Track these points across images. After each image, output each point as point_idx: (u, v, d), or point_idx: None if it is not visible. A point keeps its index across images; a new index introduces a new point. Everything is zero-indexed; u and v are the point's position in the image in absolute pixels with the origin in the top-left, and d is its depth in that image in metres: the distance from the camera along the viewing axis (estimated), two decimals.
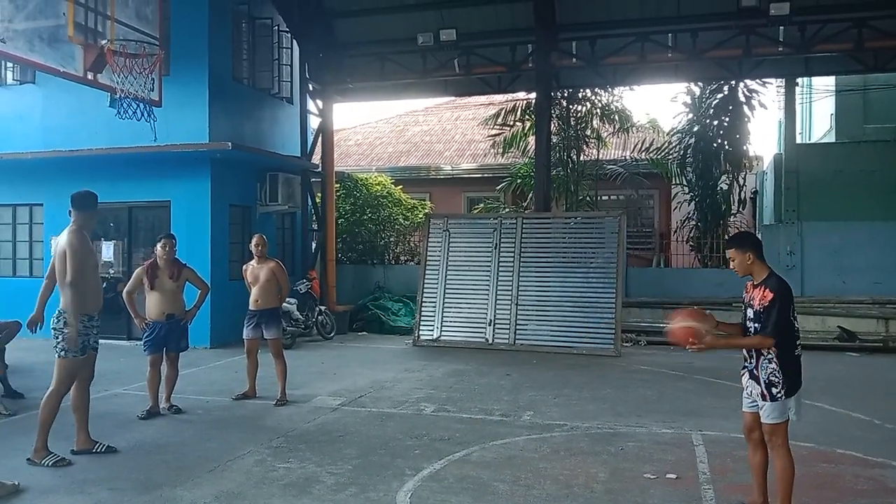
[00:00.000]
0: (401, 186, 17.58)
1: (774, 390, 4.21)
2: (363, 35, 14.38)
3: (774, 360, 4.22)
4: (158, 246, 7.28)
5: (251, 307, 7.87)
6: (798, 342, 4.32)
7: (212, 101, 11.66)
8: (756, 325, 4.29)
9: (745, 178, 15.94)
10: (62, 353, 5.41)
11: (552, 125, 14.66)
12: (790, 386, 4.22)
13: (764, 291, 4.28)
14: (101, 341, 5.84)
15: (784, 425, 4.26)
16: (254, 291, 7.86)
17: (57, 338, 5.43)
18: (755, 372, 4.31)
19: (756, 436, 4.41)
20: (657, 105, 54.08)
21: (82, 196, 5.67)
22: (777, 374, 4.21)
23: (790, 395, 4.23)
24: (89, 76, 7.77)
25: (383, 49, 14.07)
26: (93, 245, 5.73)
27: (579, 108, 16.35)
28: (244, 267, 8.15)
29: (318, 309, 13.03)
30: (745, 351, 4.41)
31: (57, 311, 5.47)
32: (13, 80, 12.63)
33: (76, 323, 5.37)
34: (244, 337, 7.88)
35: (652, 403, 7.70)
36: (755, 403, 4.36)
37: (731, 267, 4.52)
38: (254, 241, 7.99)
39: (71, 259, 5.37)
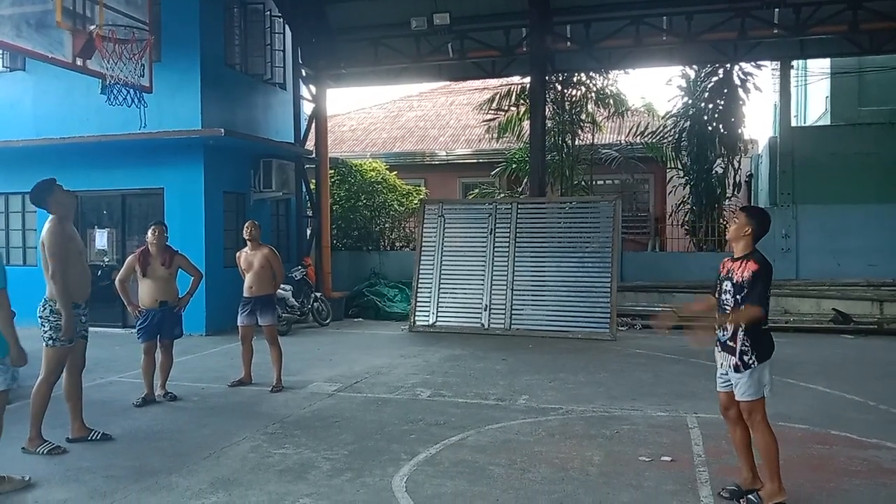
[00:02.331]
0: (395, 172, 17.51)
1: (746, 358, 4.28)
2: (356, 19, 14.25)
3: (747, 331, 4.28)
4: (149, 233, 7.26)
5: (245, 294, 7.85)
6: (767, 319, 4.35)
7: (204, 88, 11.56)
8: (737, 296, 4.32)
9: (740, 162, 15.94)
10: (49, 341, 5.40)
11: (547, 109, 14.61)
12: (760, 352, 4.28)
13: (746, 263, 4.32)
14: (95, 329, 5.83)
15: (761, 402, 4.32)
16: (248, 278, 7.85)
17: (44, 326, 5.41)
18: (730, 343, 4.35)
19: (732, 413, 4.48)
20: (652, 88, 54.04)
21: (32, 191, 5.57)
22: (746, 344, 4.29)
23: (762, 360, 4.28)
24: (78, 62, 7.70)
25: (377, 34, 13.96)
26: (74, 232, 5.65)
27: (574, 92, 16.28)
28: (237, 254, 8.13)
29: (313, 295, 13.02)
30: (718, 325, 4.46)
31: (42, 300, 5.45)
32: (3, 67, 12.51)
33: (69, 314, 5.36)
34: (238, 324, 7.87)
35: (647, 386, 7.72)
36: (729, 383, 4.42)
37: (729, 228, 4.58)
38: (245, 227, 7.99)
39: (49, 256, 5.39)
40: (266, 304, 7.86)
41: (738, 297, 4.32)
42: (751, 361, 4.27)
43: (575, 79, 16.06)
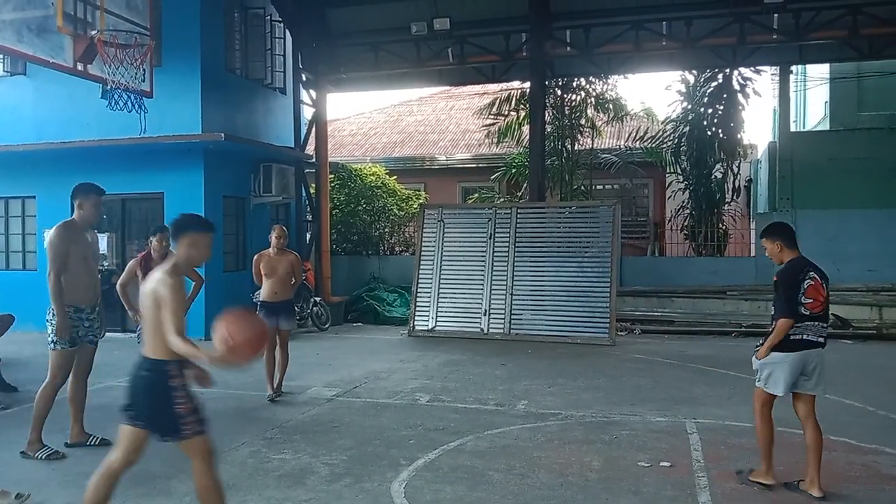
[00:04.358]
0: (395, 177, 17.55)
1: (757, 346, 4.84)
2: (357, 24, 14.30)
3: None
4: (154, 239, 7.18)
5: (268, 299, 7.60)
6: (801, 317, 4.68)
7: (204, 92, 11.59)
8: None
9: (739, 167, 15.96)
10: (51, 344, 5.44)
11: (546, 114, 14.65)
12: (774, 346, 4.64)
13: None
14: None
15: (762, 393, 4.75)
16: (271, 284, 7.62)
17: (48, 329, 5.47)
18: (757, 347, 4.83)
19: (800, 413, 4.80)
20: (651, 93, 54.09)
21: (77, 185, 5.77)
22: (764, 338, 4.75)
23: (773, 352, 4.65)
24: (79, 67, 7.69)
25: (377, 38, 14.00)
26: (81, 237, 5.69)
27: (574, 97, 16.33)
28: (257, 256, 7.78)
29: (313, 300, 13.01)
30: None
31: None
32: (4, 71, 12.52)
33: (61, 314, 5.40)
34: None
35: (646, 392, 7.72)
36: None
37: (767, 254, 4.95)
38: (275, 233, 7.74)
39: (48, 254, 5.48)
40: (290, 309, 7.80)
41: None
42: (756, 348, 4.78)
43: (575, 84, 16.12)
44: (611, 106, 16.89)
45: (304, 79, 14.47)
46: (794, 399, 4.77)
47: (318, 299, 13.21)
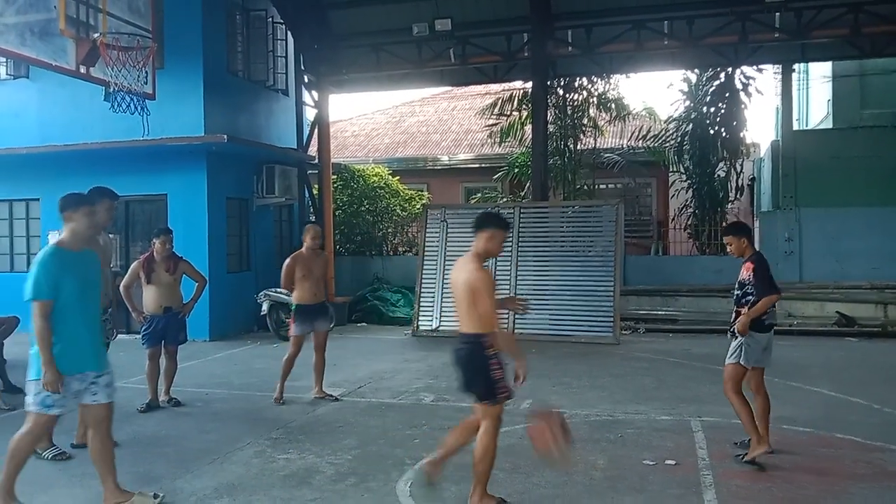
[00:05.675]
0: (398, 177, 17.55)
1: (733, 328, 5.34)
2: (358, 25, 14.30)
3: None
4: (157, 242, 7.22)
5: (307, 302, 7.32)
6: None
7: (207, 94, 11.61)
8: (738, 291, 5.31)
9: (742, 165, 15.95)
10: None
11: (549, 114, 14.65)
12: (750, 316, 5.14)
13: (747, 265, 5.29)
14: None
15: (732, 368, 5.23)
16: (309, 286, 7.35)
17: None
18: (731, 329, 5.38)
19: (753, 384, 5.35)
20: (654, 93, 53.96)
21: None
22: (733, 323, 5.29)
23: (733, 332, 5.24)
24: (82, 70, 7.70)
25: (379, 39, 14.00)
26: (95, 239, 5.70)
27: (576, 96, 16.33)
28: (291, 260, 7.35)
29: None
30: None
31: None
32: (7, 74, 12.55)
33: None
34: (297, 333, 7.34)
35: (651, 390, 7.71)
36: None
37: (729, 251, 5.53)
38: (310, 234, 7.47)
39: None
40: (326, 309, 7.68)
41: (738, 292, 5.30)
42: (731, 330, 5.35)
43: (577, 83, 16.11)
44: (613, 105, 16.88)
45: (306, 80, 14.48)
46: (749, 372, 5.27)
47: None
